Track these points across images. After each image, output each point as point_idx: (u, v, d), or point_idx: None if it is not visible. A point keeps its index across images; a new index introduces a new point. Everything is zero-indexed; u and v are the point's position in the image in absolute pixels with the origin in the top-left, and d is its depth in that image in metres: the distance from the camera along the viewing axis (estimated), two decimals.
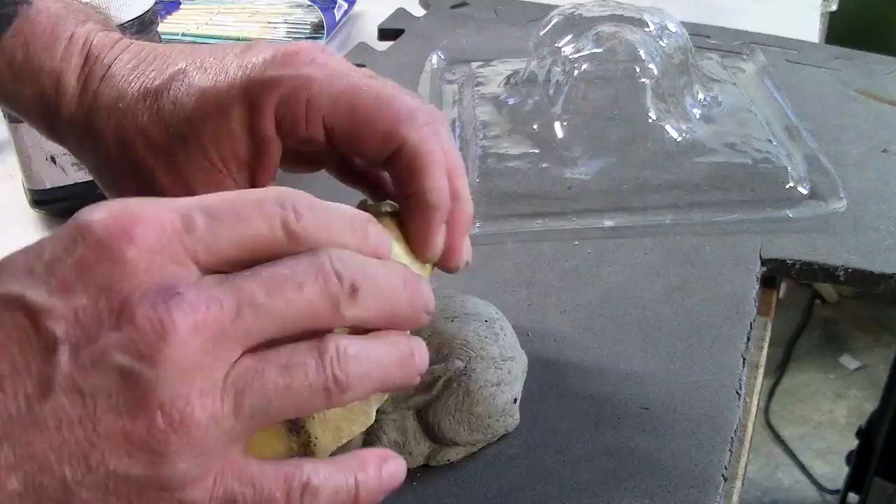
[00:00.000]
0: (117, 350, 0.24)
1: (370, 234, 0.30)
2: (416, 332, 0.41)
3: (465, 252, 0.37)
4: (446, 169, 0.36)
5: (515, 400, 0.42)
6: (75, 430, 0.24)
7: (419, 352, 0.31)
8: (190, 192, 0.36)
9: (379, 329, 0.30)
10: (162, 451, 0.25)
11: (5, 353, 0.25)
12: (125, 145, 0.38)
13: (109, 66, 0.40)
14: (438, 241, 0.36)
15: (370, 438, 0.40)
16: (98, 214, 0.26)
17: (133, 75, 0.39)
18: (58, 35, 0.40)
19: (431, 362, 0.40)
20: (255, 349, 0.27)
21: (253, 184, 0.38)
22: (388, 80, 0.38)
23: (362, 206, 0.38)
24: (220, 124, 0.36)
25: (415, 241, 0.35)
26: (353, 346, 0.28)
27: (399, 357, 0.30)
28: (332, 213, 0.29)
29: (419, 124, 0.35)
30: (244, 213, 0.27)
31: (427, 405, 0.40)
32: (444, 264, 0.36)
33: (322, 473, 0.28)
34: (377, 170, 0.40)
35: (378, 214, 0.37)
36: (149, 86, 0.38)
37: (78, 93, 0.40)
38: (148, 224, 0.26)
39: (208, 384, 0.25)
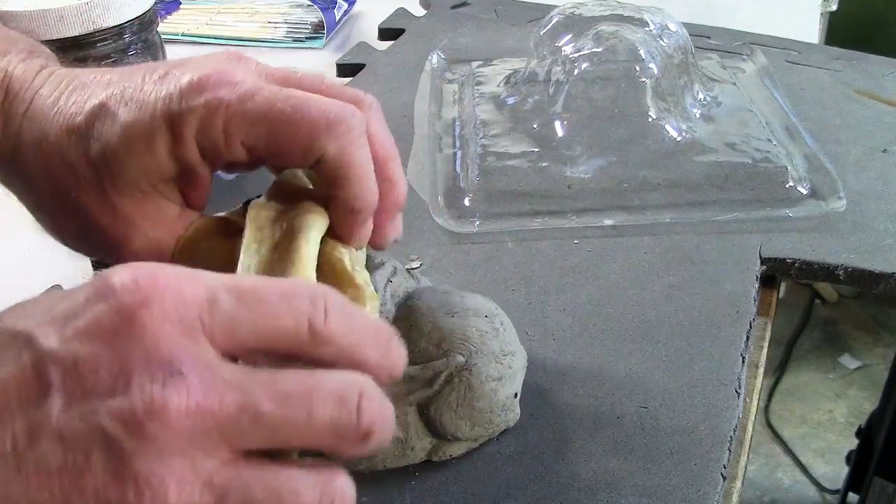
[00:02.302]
0: (106, 413, 0.24)
1: (392, 352, 0.30)
2: (417, 328, 0.41)
3: (394, 231, 0.39)
4: (378, 158, 0.36)
5: (516, 394, 0.43)
6: (53, 479, 0.24)
7: None
8: (127, 222, 0.36)
9: None
10: None
11: (3, 388, 0.25)
12: (56, 184, 0.37)
13: (30, 102, 0.38)
14: (363, 234, 0.37)
15: None
16: (123, 276, 0.26)
17: (54, 111, 0.37)
18: None
19: (432, 358, 0.40)
20: (251, 452, 0.26)
21: (187, 202, 0.38)
22: (318, 75, 0.38)
23: (283, 179, 0.38)
24: (146, 157, 0.36)
25: (342, 236, 0.36)
26: (348, 486, 0.28)
27: None
28: (359, 322, 0.29)
29: (338, 133, 0.35)
30: (272, 304, 0.27)
31: (429, 400, 0.40)
32: (371, 242, 0.38)
33: None
34: None
35: (302, 193, 0.37)
36: (72, 123, 0.37)
37: (0, 131, 0.38)
38: (169, 293, 0.26)
39: (189, 473, 0.25)
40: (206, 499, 0.25)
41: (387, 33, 0.88)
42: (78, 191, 0.37)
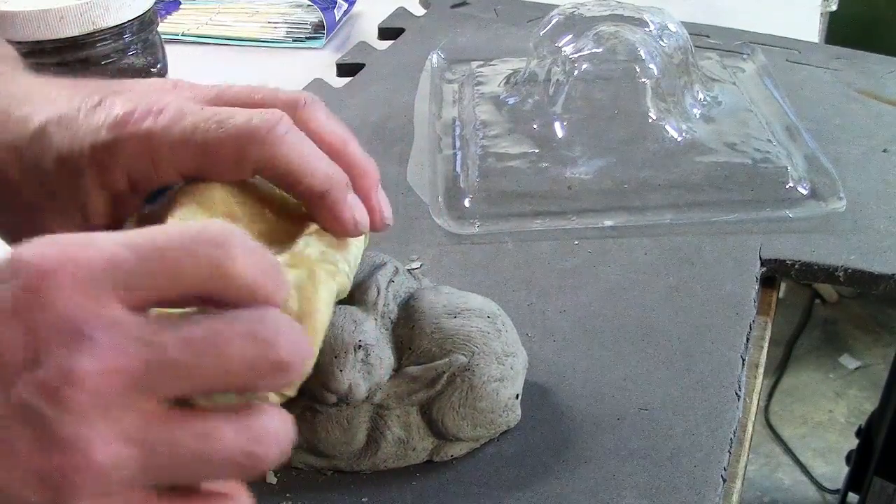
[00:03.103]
0: (25, 386, 0.25)
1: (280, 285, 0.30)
2: (420, 329, 0.41)
3: (383, 209, 0.39)
4: (333, 148, 0.37)
5: (517, 395, 0.43)
6: None
7: None
8: None
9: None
10: (62, 486, 0.25)
11: None
12: (5, 206, 0.38)
13: None
14: (354, 216, 0.37)
15: (374, 434, 0.40)
16: (29, 251, 0.26)
17: (1, 129, 0.38)
18: None
19: (434, 358, 0.40)
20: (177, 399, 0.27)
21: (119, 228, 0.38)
22: (251, 87, 0.38)
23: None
24: (77, 187, 0.37)
25: (335, 230, 0.37)
26: (275, 422, 0.28)
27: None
28: (267, 259, 0.29)
29: (264, 139, 0.35)
30: (173, 255, 0.27)
31: (431, 401, 0.41)
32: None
33: None
34: None
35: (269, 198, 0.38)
36: (16, 143, 0.37)
37: None
38: (71, 261, 0.26)
39: (112, 431, 0.25)
40: (133, 453, 0.26)
41: (387, 33, 0.88)
42: (21, 212, 0.38)
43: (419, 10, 0.93)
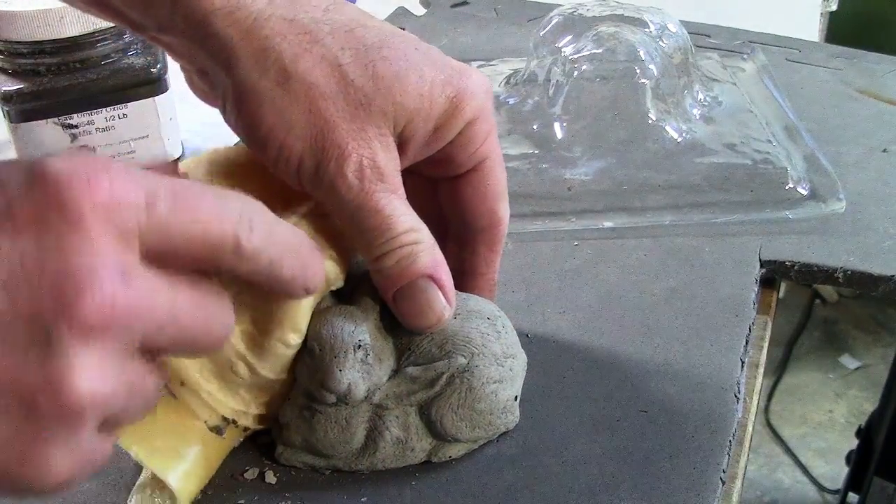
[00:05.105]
0: (28, 298, 0.25)
1: (309, 268, 0.33)
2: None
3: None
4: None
5: (516, 397, 0.43)
6: None
7: None
8: None
9: None
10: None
11: None
12: None
13: None
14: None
15: (373, 434, 0.40)
16: (59, 162, 0.26)
17: None
18: None
19: (434, 359, 0.40)
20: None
21: None
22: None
23: None
24: None
25: (486, 267, 0.44)
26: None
27: None
28: (281, 238, 0.31)
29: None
30: (205, 212, 0.28)
31: (430, 401, 0.41)
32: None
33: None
34: None
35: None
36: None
37: None
38: (111, 180, 0.26)
39: (108, 359, 0.26)
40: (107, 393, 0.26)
41: None
42: None
43: (419, 10, 0.93)
